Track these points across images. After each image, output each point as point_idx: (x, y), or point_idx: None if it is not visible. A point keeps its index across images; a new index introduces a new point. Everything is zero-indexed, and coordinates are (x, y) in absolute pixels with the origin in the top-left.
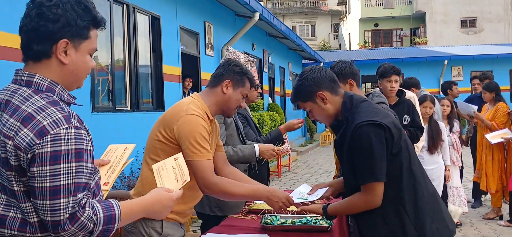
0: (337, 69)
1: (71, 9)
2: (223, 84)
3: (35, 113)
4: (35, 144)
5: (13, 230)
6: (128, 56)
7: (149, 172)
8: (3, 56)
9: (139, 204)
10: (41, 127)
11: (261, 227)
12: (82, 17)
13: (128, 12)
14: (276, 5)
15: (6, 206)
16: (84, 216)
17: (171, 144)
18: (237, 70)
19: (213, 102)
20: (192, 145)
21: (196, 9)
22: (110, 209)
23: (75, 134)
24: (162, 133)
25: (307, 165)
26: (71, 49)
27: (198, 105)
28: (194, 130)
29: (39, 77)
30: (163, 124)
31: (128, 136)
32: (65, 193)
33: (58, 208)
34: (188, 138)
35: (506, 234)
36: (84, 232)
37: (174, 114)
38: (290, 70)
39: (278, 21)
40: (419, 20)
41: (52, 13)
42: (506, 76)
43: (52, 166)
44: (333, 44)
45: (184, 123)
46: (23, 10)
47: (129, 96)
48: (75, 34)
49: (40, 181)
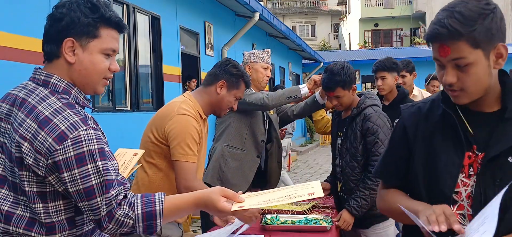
0: None
1: (76, 8)
2: (218, 84)
3: (52, 115)
4: (56, 150)
5: (18, 228)
6: (128, 56)
7: (144, 174)
8: (3, 56)
9: (189, 198)
10: (60, 132)
11: (261, 227)
12: (88, 15)
13: (128, 12)
14: (276, 5)
15: (14, 204)
16: (119, 213)
17: (162, 145)
18: (234, 72)
19: (206, 102)
20: (180, 145)
21: (196, 9)
22: (150, 205)
23: (94, 135)
24: (154, 134)
25: (307, 165)
26: (78, 48)
27: (190, 105)
28: (184, 131)
29: (56, 78)
30: (154, 125)
31: (128, 136)
32: (100, 191)
33: (97, 207)
34: (178, 138)
35: None
36: (125, 229)
37: (165, 114)
38: (290, 70)
39: (278, 21)
40: (419, 20)
41: (58, 13)
42: None
43: (80, 168)
44: (333, 44)
45: (175, 123)
46: (23, 10)
47: (129, 96)
48: (80, 32)
49: (73, 185)
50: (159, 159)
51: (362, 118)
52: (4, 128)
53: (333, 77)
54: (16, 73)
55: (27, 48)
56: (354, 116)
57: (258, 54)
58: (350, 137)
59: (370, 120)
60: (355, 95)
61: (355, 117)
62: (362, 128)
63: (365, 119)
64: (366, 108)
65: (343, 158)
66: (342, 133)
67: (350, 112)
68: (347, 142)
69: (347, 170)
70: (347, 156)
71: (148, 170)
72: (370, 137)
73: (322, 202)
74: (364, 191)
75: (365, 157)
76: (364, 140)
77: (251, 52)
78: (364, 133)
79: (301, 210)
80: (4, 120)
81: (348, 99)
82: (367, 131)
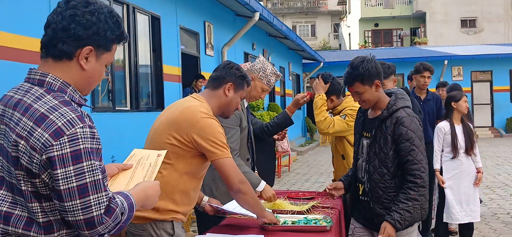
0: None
1: (104, 21)
2: (226, 87)
3: (48, 112)
4: (51, 145)
5: (17, 229)
6: (128, 56)
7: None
8: (3, 56)
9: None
10: (56, 128)
11: (261, 227)
12: (113, 31)
13: (128, 12)
14: (276, 5)
15: (12, 204)
16: (118, 207)
17: (187, 148)
18: (239, 74)
19: (215, 104)
20: (217, 146)
21: (196, 9)
22: (128, 198)
23: (90, 133)
24: (176, 137)
25: (307, 165)
26: (92, 57)
27: (207, 108)
28: (215, 131)
29: (51, 77)
30: (175, 128)
31: (128, 136)
32: (94, 189)
33: (89, 205)
34: (211, 139)
35: (506, 234)
36: (114, 223)
37: (188, 119)
38: (290, 70)
39: (278, 21)
40: (419, 20)
41: (86, 19)
42: (506, 76)
43: (76, 165)
44: (333, 44)
45: (204, 127)
46: (23, 10)
47: (129, 96)
48: (101, 44)
49: (66, 182)
50: (177, 161)
51: (394, 122)
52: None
53: (352, 71)
54: (16, 73)
55: (27, 48)
56: (384, 118)
57: (268, 73)
58: (379, 141)
59: (404, 124)
60: (383, 93)
61: (385, 119)
62: (394, 133)
63: (398, 123)
64: (397, 111)
65: (371, 162)
66: (369, 134)
67: (380, 113)
68: (376, 146)
69: (375, 176)
70: (375, 160)
71: (163, 171)
72: (404, 143)
73: (322, 202)
74: (407, 203)
75: (396, 163)
76: (396, 146)
77: (265, 64)
78: (396, 138)
79: (301, 210)
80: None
81: (371, 96)
82: (399, 137)
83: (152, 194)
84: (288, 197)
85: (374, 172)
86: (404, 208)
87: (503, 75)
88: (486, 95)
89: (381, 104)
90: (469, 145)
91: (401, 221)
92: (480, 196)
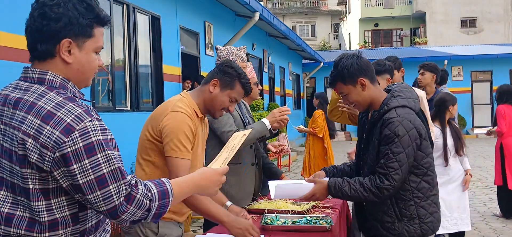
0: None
1: (73, 8)
2: (211, 83)
3: (55, 109)
4: (64, 142)
5: (20, 230)
6: (128, 56)
7: (142, 172)
8: (3, 56)
9: (188, 180)
10: (66, 125)
11: (261, 227)
12: (85, 15)
13: (128, 12)
14: (276, 5)
15: (13, 205)
16: (139, 193)
17: (157, 143)
18: (228, 71)
19: (200, 101)
20: (173, 142)
21: (196, 9)
22: (162, 185)
23: (99, 126)
24: (150, 131)
25: None
26: (74, 48)
27: (186, 103)
28: (178, 127)
29: (51, 74)
30: (151, 123)
31: (128, 136)
32: (112, 179)
33: (110, 195)
34: (171, 135)
35: (507, 234)
36: (142, 210)
37: (161, 112)
38: (290, 70)
39: (278, 21)
40: (419, 20)
41: (54, 12)
42: (506, 76)
43: (90, 158)
44: (333, 44)
45: (169, 120)
46: (23, 10)
47: (129, 96)
48: (78, 33)
49: (84, 176)
50: (155, 157)
51: (381, 124)
52: None
53: (333, 70)
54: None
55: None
56: (374, 120)
57: (236, 52)
58: (369, 145)
59: (389, 126)
60: (379, 92)
61: (376, 122)
62: (380, 135)
63: (384, 125)
64: (389, 111)
65: (364, 168)
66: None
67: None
68: (367, 151)
69: None
70: (365, 167)
71: (146, 168)
72: (383, 147)
73: (322, 202)
74: (355, 183)
75: None
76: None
77: (228, 48)
78: (381, 140)
79: (301, 210)
80: None
81: (359, 96)
82: (382, 139)
83: (203, 184)
84: None
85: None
86: (350, 182)
87: (503, 75)
88: (486, 95)
89: (376, 104)
90: (459, 145)
91: (336, 187)
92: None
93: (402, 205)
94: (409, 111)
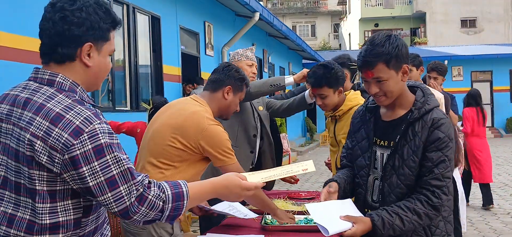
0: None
1: (94, 13)
2: (225, 90)
3: (64, 111)
4: (73, 145)
5: (19, 231)
6: (128, 56)
7: (161, 175)
8: (3, 56)
9: (206, 185)
10: (75, 127)
11: (261, 227)
12: (105, 20)
13: (128, 12)
14: (276, 5)
15: (16, 206)
16: (151, 194)
17: (193, 153)
18: (238, 76)
19: (215, 107)
20: (221, 153)
21: (196, 9)
22: (178, 187)
23: (107, 129)
24: (182, 142)
25: None
26: (94, 52)
27: (210, 112)
28: (220, 140)
29: (61, 77)
30: (181, 133)
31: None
32: (122, 180)
33: (121, 196)
34: (217, 148)
35: (507, 234)
36: (155, 212)
37: (195, 126)
38: (290, 70)
39: (278, 21)
40: (419, 20)
41: (76, 17)
42: (506, 76)
43: (100, 160)
44: (333, 44)
45: (212, 136)
46: (23, 10)
47: (129, 96)
48: (98, 37)
49: (94, 178)
50: (181, 164)
51: (429, 125)
52: (5, 129)
53: (373, 47)
54: (16, 73)
55: (27, 48)
56: (413, 120)
57: (242, 53)
58: (401, 150)
59: (441, 128)
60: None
61: (415, 122)
62: (427, 139)
63: (434, 127)
64: (431, 111)
65: (387, 180)
66: (386, 142)
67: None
68: (396, 157)
69: (390, 198)
70: (393, 177)
71: (166, 172)
72: (435, 153)
73: None
74: (406, 212)
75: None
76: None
77: (235, 51)
78: (428, 146)
79: (301, 210)
80: (5, 121)
81: (395, 85)
82: (433, 144)
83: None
84: (288, 197)
85: (390, 194)
86: (399, 213)
87: (503, 75)
88: (486, 95)
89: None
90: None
91: (386, 224)
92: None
93: (433, 223)
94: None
